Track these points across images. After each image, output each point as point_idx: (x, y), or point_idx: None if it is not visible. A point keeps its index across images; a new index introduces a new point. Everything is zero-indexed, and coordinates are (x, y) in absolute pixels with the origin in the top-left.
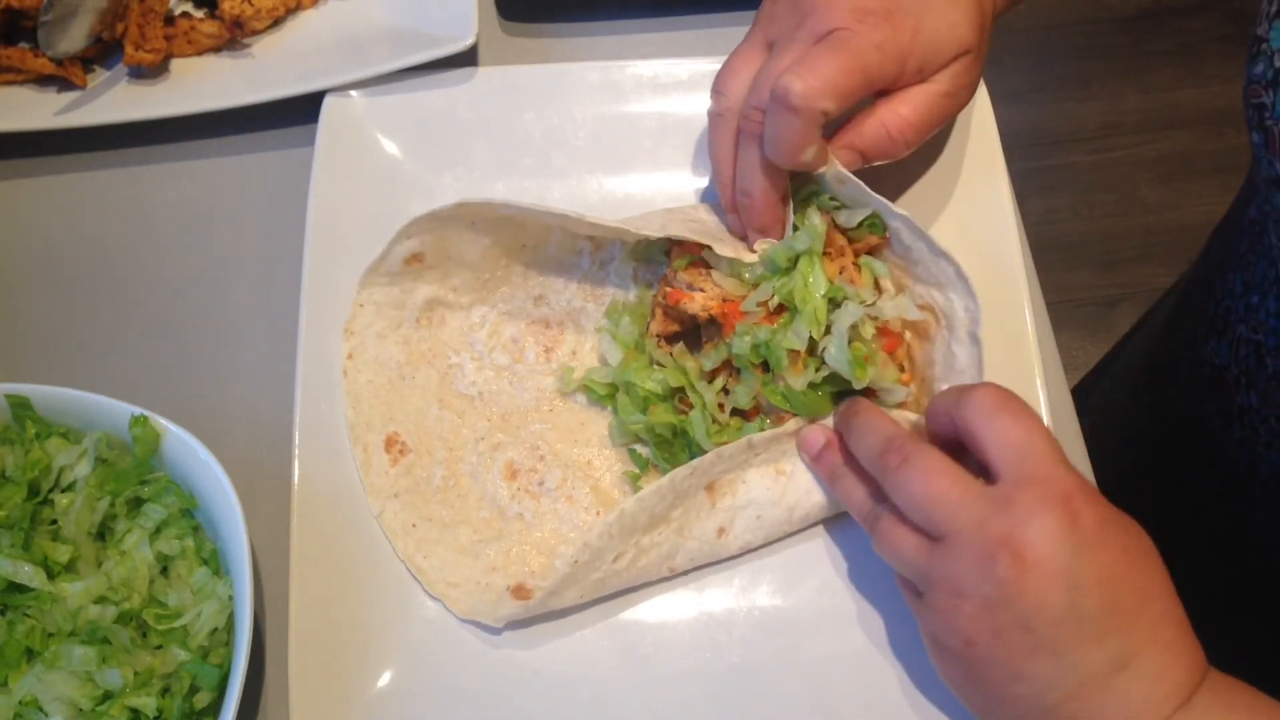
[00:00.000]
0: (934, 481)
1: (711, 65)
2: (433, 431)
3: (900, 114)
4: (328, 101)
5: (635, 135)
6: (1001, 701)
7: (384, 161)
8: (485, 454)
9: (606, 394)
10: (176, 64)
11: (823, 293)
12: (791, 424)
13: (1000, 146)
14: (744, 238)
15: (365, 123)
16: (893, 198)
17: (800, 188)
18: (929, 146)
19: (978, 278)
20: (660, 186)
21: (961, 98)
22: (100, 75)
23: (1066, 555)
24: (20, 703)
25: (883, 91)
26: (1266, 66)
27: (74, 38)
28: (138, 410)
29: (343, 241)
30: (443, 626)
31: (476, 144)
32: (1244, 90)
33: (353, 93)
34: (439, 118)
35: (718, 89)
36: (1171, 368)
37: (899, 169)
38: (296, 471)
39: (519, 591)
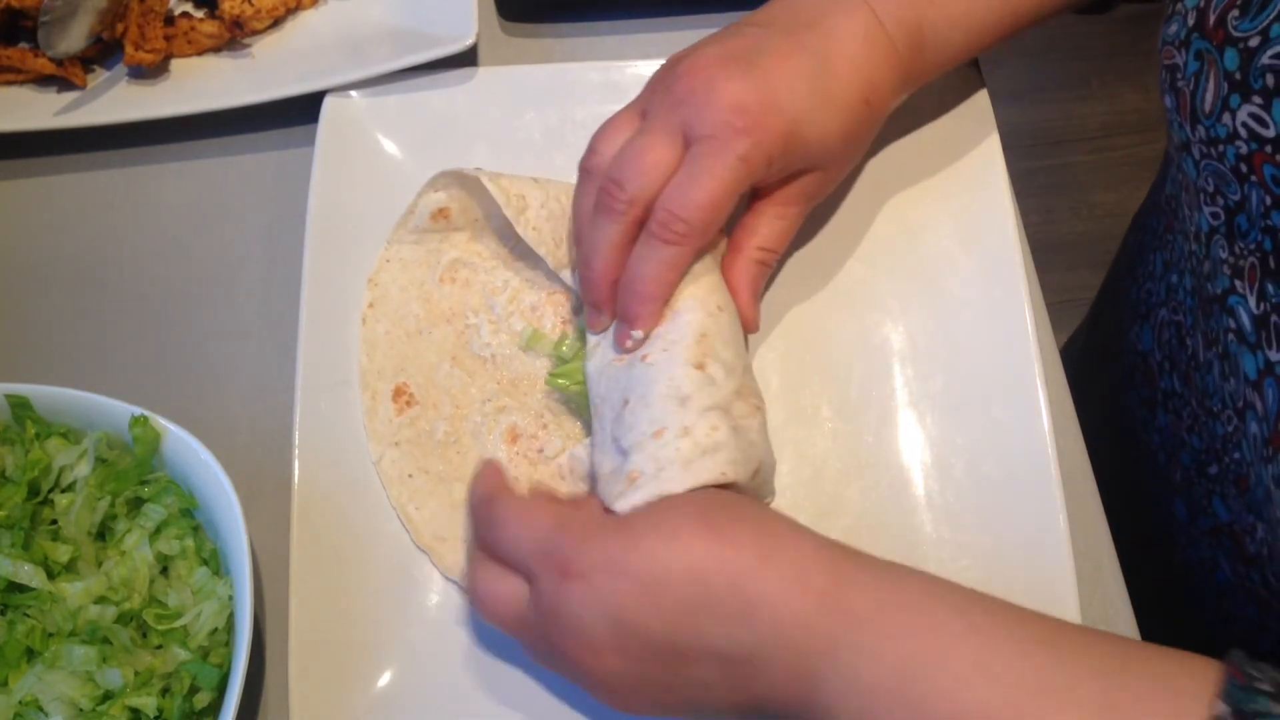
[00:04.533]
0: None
1: None
2: (442, 387)
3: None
4: (328, 101)
5: None
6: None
7: (384, 161)
8: (490, 415)
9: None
10: (176, 64)
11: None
12: None
13: (1000, 146)
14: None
15: (365, 123)
16: (892, 198)
17: None
18: (928, 147)
19: (978, 278)
20: None
21: (794, 211)
22: (100, 75)
23: (604, 625)
24: (20, 703)
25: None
26: (1180, 26)
27: (74, 38)
28: (138, 410)
29: (343, 241)
30: (443, 626)
31: (477, 144)
32: (1159, 52)
33: (353, 93)
34: (439, 118)
35: (592, 145)
36: (1099, 362)
37: (896, 169)
38: (296, 471)
39: None
